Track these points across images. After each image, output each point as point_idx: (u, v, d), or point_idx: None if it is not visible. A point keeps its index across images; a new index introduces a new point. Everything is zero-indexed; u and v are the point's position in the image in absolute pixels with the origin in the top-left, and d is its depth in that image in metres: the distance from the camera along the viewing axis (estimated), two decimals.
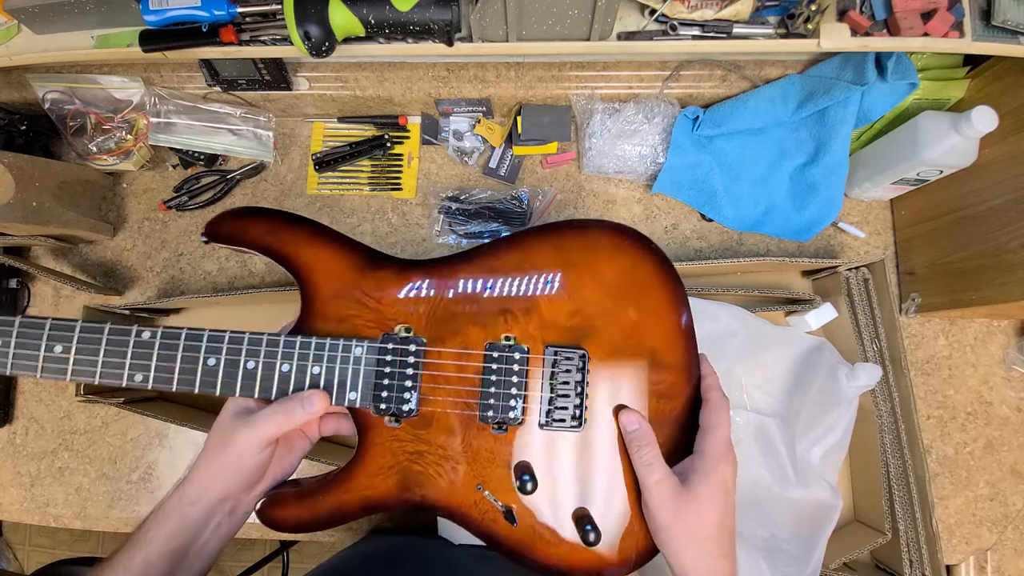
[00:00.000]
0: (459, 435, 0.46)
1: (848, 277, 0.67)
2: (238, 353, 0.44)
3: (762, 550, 0.61)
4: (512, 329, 0.47)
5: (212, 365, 0.44)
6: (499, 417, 0.45)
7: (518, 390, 0.46)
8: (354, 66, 0.73)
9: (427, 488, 0.45)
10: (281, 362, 0.44)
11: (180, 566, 0.41)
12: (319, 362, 0.45)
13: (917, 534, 0.61)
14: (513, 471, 0.45)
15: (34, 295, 0.80)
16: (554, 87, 0.72)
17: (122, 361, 0.43)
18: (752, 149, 0.73)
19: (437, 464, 0.45)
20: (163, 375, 0.43)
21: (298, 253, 0.47)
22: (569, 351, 0.46)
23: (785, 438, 0.66)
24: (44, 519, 0.76)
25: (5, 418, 0.77)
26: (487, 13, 0.56)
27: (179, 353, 0.43)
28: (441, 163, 0.79)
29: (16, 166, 0.66)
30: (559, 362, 0.46)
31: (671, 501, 0.41)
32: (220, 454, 0.42)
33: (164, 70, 0.74)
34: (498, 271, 0.48)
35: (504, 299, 0.47)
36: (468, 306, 0.47)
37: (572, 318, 0.47)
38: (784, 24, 0.58)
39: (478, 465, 0.45)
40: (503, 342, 0.47)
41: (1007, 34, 0.55)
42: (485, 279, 0.48)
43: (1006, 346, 0.72)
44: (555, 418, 0.46)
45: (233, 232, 0.47)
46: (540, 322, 0.47)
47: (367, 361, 0.45)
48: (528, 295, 0.47)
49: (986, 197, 0.62)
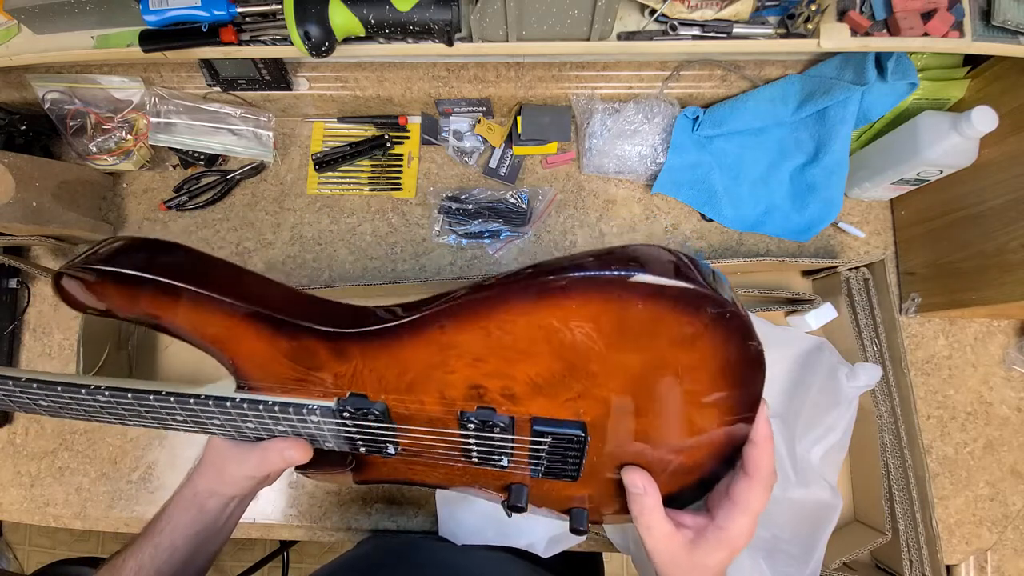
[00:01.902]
0: (450, 462, 0.44)
1: (848, 277, 0.67)
2: (197, 418, 0.41)
3: (762, 550, 0.61)
4: (489, 402, 0.37)
5: (181, 421, 0.42)
6: (487, 466, 0.43)
7: (504, 454, 0.40)
8: (354, 66, 0.73)
9: (426, 479, 0.48)
10: (244, 422, 0.41)
11: (201, 546, 0.45)
12: (280, 423, 0.41)
13: (917, 534, 0.61)
14: (505, 488, 0.45)
15: (34, 295, 0.80)
16: (554, 87, 0.72)
17: (103, 414, 0.42)
18: (752, 149, 0.73)
19: (431, 469, 0.46)
20: (145, 424, 0.43)
21: (182, 327, 0.37)
22: (562, 431, 0.37)
23: (785, 438, 0.66)
24: (44, 519, 0.76)
25: (5, 418, 0.77)
26: (487, 13, 0.56)
27: (141, 411, 0.41)
28: (441, 163, 0.79)
29: (16, 166, 0.66)
30: (553, 444, 0.38)
31: (677, 556, 0.37)
32: (220, 472, 0.45)
33: (164, 70, 0.75)
34: (456, 356, 0.35)
35: (473, 377, 0.36)
36: (426, 382, 0.37)
37: (564, 388, 0.36)
38: (784, 24, 0.58)
39: (471, 477, 0.46)
40: (480, 412, 0.38)
41: (1007, 34, 0.55)
42: (443, 361, 0.36)
43: (1006, 346, 0.72)
44: (546, 475, 0.42)
45: (84, 300, 0.36)
46: (524, 396, 0.37)
47: (328, 426, 0.40)
48: (504, 373, 0.36)
49: (986, 197, 0.62)
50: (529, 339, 0.33)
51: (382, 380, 0.38)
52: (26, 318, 0.79)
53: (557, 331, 0.33)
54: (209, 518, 0.45)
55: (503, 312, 0.33)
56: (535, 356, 0.34)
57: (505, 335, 0.34)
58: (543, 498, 0.45)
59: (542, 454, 0.40)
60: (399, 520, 0.71)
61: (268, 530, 0.73)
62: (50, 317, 0.79)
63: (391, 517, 0.72)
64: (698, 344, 0.32)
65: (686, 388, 0.34)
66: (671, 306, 0.31)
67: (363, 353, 0.37)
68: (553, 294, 0.31)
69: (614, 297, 0.31)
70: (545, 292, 0.32)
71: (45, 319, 0.79)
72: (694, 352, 0.32)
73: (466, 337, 0.34)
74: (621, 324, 0.32)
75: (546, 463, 0.40)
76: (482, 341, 0.34)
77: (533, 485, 0.44)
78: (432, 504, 0.71)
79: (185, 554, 0.44)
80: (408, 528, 0.71)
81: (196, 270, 0.37)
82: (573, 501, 0.45)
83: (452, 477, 0.47)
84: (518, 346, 0.34)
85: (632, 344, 0.33)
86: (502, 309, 0.33)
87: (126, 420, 0.43)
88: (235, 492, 0.45)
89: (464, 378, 0.36)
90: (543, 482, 0.43)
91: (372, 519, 0.72)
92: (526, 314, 0.33)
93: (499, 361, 0.35)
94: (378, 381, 0.38)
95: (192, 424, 0.42)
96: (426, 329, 0.35)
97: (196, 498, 0.45)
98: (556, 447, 0.39)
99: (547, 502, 0.46)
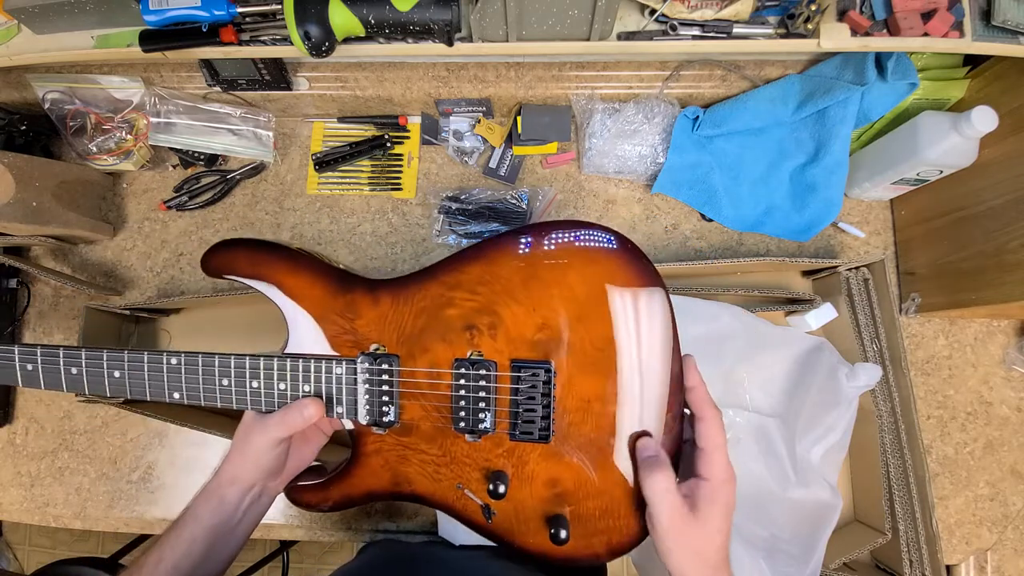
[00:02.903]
0: (438, 441, 0.49)
1: (848, 277, 0.67)
2: (243, 375, 0.49)
3: (762, 550, 0.61)
4: (479, 345, 0.47)
5: (226, 385, 0.49)
6: (471, 428, 0.47)
7: (487, 404, 0.47)
8: (354, 66, 0.73)
9: (415, 484, 0.50)
10: (277, 381, 0.49)
11: (219, 542, 0.46)
12: (308, 381, 0.49)
13: (917, 534, 0.61)
14: (487, 475, 0.48)
15: (34, 295, 0.80)
16: (554, 87, 0.72)
17: (162, 383, 0.49)
18: (752, 149, 0.73)
19: (421, 465, 0.49)
20: (193, 394, 0.49)
21: (280, 281, 0.50)
22: (534, 367, 0.46)
23: (785, 438, 0.66)
24: (44, 519, 0.76)
25: (5, 418, 0.77)
26: (487, 13, 0.56)
27: (199, 376, 0.49)
28: (441, 163, 0.79)
29: (16, 166, 0.66)
30: (523, 378, 0.46)
31: (681, 526, 0.41)
32: (244, 448, 0.47)
33: (164, 70, 0.74)
34: (462, 286, 0.47)
35: (468, 314, 0.47)
36: (434, 323, 0.47)
37: (540, 332, 0.46)
38: (784, 24, 0.58)
39: (456, 468, 0.49)
40: (471, 357, 0.47)
41: (1007, 34, 0.55)
42: (447, 295, 0.47)
43: (1006, 346, 0.72)
44: (522, 431, 0.47)
45: (221, 265, 0.50)
46: (507, 336, 0.46)
47: (347, 380, 0.49)
48: (493, 309, 0.46)
49: (986, 197, 0.62)
50: (511, 277, 0.46)
51: (400, 328, 0.48)
52: (26, 318, 0.79)
53: (530, 273, 0.45)
54: (228, 510, 0.46)
55: (497, 252, 0.46)
56: (514, 294, 0.46)
57: (498, 269, 0.46)
58: (522, 497, 0.48)
59: (519, 402, 0.46)
60: (399, 521, 0.71)
61: (268, 530, 0.73)
62: (50, 317, 0.79)
63: (391, 518, 0.72)
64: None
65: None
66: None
67: (393, 298, 0.48)
68: (534, 238, 0.45)
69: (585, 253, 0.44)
70: (527, 235, 0.45)
71: (45, 319, 0.79)
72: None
73: (468, 272, 0.47)
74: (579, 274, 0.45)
75: (521, 414, 0.46)
76: (479, 273, 0.46)
77: (513, 473, 0.48)
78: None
79: (203, 547, 0.45)
80: (408, 529, 0.71)
81: (287, 247, 0.51)
82: (554, 499, 0.47)
83: (439, 471, 0.49)
84: (504, 282, 0.46)
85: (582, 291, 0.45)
86: (497, 250, 0.46)
87: (176, 392, 0.49)
88: (255, 476, 0.47)
89: (461, 316, 0.47)
90: (522, 467, 0.47)
91: (372, 520, 0.72)
92: (510, 254, 0.46)
93: (489, 293, 0.46)
94: (397, 330, 0.48)
95: (235, 390, 0.49)
96: (440, 271, 0.48)
97: (218, 488, 0.47)
98: (531, 389, 0.46)
99: (528, 500, 0.47)
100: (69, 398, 0.77)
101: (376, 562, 0.61)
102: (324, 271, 0.50)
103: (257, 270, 0.50)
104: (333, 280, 0.49)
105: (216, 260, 0.50)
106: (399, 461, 0.50)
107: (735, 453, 0.56)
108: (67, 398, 0.77)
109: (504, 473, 0.47)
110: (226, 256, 0.50)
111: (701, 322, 0.66)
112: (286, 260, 0.50)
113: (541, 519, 0.47)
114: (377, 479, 0.50)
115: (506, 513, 0.48)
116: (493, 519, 0.48)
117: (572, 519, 0.46)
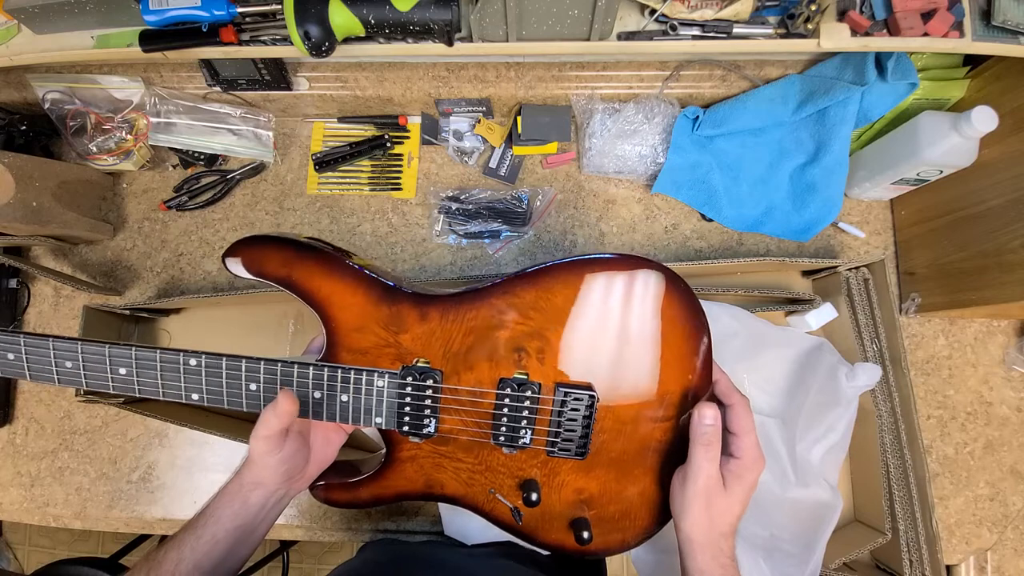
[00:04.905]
0: (474, 452, 0.50)
1: (848, 277, 0.67)
2: (274, 381, 0.47)
3: (762, 550, 0.61)
4: (526, 367, 0.48)
5: (254, 391, 0.47)
6: (509, 443, 0.49)
7: (528, 424, 0.49)
8: (354, 66, 0.73)
9: (447, 488, 0.52)
10: (312, 390, 0.48)
11: (240, 541, 0.46)
12: (346, 391, 0.48)
13: (917, 534, 0.61)
14: (520, 484, 0.50)
15: (34, 295, 0.80)
16: (554, 87, 0.72)
17: (178, 384, 0.47)
18: (752, 149, 0.73)
19: (455, 472, 0.51)
20: (215, 397, 0.47)
21: (316, 288, 0.48)
22: (578, 392, 0.47)
23: (785, 438, 0.66)
24: (44, 519, 0.76)
25: (5, 418, 0.77)
26: (487, 13, 0.56)
27: (223, 379, 0.47)
28: (441, 163, 0.79)
29: (16, 166, 0.66)
30: (568, 401, 0.47)
31: (709, 493, 0.45)
32: (253, 461, 0.47)
33: (164, 70, 0.74)
34: (515, 309, 0.47)
35: (518, 337, 0.48)
36: (483, 342, 0.48)
37: (585, 356, 0.47)
38: (784, 24, 0.58)
39: (490, 475, 0.51)
40: (516, 377, 0.48)
41: (1007, 34, 0.55)
42: (500, 318, 0.47)
43: (1006, 346, 0.72)
44: (560, 447, 0.49)
45: (250, 263, 0.48)
46: (553, 360, 0.48)
47: (389, 393, 0.48)
48: (542, 334, 0.47)
49: (986, 197, 0.62)
50: (564, 306, 0.47)
51: (447, 344, 0.48)
52: (26, 318, 0.79)
53: (584, 303, 0.46)
54: (251, 512, 0.46)
55: (552, 280, 0.47)
56: (566, 322, 0.47)
57: (552, 297, 0.47)
58: (551, 503, 0.51)
59: (560, 422, 0.48)
60: (399, 521, 0.71)
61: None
62: (50, 317, 0.79)
63: (391, 518, 0.71)
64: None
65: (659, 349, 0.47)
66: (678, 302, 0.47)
67: (442, 315, 0.48)
68: (590, 271, 0.46)
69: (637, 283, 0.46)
70: (584, 269, 0.47)
71: (45, 319, 0.79)
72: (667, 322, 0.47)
73: (523, 297, 0.47)
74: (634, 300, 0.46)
75: (562, 433, 0.48)
76: (533, 299, 0.47)
77: (544, 482, 0.50)
78: (432, 505, 0.71)
79: (225, 548, 0.45)
80: (408, 529, 0.71)
81: (327, 248, 0.49)
82: (579, 505, 0.51)
83: (472, 477, 0.51)
84: (557, 309, 0.47)
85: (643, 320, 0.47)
86: (552, 278, 0.47)
87: (195, 394, 0.47)
88: (279, 481, 0.47)
89: (510, 338, 0.47)
90: (553, 476, 0.50)
91: (372, 520, 0.72)
92: (566, 283, 0.47)
93: (541, 319, 0.47)
94: (443, 346, 0.48)
95: (264, 396, 0.47)
96: (494, 293, 0.47)
97: (241, 491, 0.46)
98: (574, 412, 0.47)
99: (556, 505, 0.51)
100: (69, 398, 0.77)
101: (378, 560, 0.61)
102: (365, 281, 0.48)
103: (291, 272, 0.47)
104: (376, 290, 0.48)
105: (244, 257, 0.47)
106: (434, 468, 0.51)
107: None
108: (67, 398, 0.77)
109: (536, 482, 0.50)
110: (257, 253, 0.48)
111: None
112: (324, 264, 0.48)
113: (566, 521, 0.51)
114: (410, 483, 0.52)
115: (533, 515, 0.51)
116: (521, 520, 0.51)
117: (594, 521, 0.50)
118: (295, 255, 0.48)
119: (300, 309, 0.76)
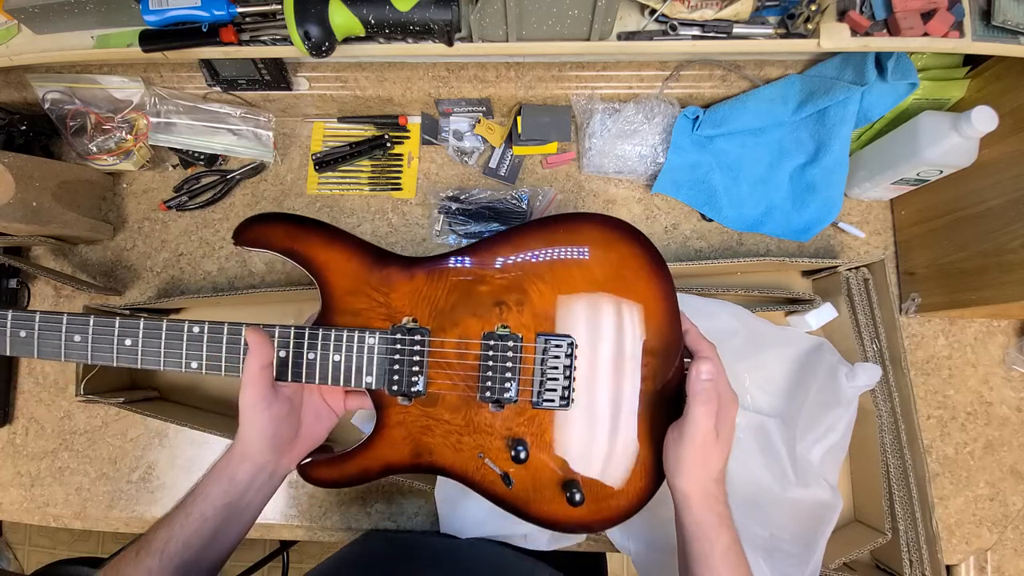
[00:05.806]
0: (462, 411, 0.52)
1: (848, 277, 0.67)
2: (281, 344, 0.50)
3: (762, 550, 0.61)
4: (507, 319, 0.51)
5: None
6: (495, 397, 0.51)
7: (512, 375, 0.51)
8: (354, 66, 0.73)
9: (436, 455, 0.52)
10: (307, 351, 0.51)
11: (229, 520, 0.47)
12: (338, 351, 0.51)
13: (917, 534, 0.61)
14: (508, 443, 0.51)
15: (34, 295, 0.80)
16: (554, 87, 0.72)
17: (179, 351, 0.50)
18: (752, 149, 0.73)
19: (444, 436, 0.52)
20: (213, 363, 0.50)
21: (315, 255, 0.52)
22: (558, 339, 0.51)
23: (785, 438, 0.66)
24: (44, 519, 0.76)
25: (5, 418, 0.77)
26: (487, 13, 0.56)
27: (223, 345, 0.50)
28: (441, 163, 0.79)
29: (16, 166, 0.66)
30: (549, 349, 0.51)
31: (708, 449, 0.46)
32: (243, 422, 0.48)
33: (164, 70, 0.74)
34: (493, 265, 0.52)
35: (498, 291, 0.52)
36: (466, 298, 0.52)
37: (563, 307, 0.51)
38: (784, 24, 0.58)
39: (479, 436, 0.52)
40: (498, 331, 0.51)
41: (1007, 34, 0.55)
42: (480, 273, 0.52)
43: (1006, 346, 0.72)
44: (545, 398, 0.51)
45: (257, 237, 0.52)
46: (532, 312, 0.51)
47: (379, 350, 0.51)
48: (521, 287, 0.51)
49: (986, 197, 0.62)
50: (539, 259, 0.51)
51: (434, 303, 0.52)
52: None
53: (555, 256, 0.51)
54: (239, 489, 0.47)
55: (527, 237, 0.52)
56: (542, 275, 0.51)
57: (527, 251, 0.51)
58: (540, 462, 0.52)
59: (544, 370, 0.51)
60: (399, 520, 0.71)
61: (268, 530, 0.73)
62: None
63: (391, 517, 0.72)
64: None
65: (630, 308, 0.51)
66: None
67: (428, 275, 0.52)
68: (561, 227, 0.51)
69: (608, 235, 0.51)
70: (556, 225, 0.52)
71: None
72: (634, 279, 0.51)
73: (501, 253, 0.51)
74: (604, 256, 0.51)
75: (545, 383, 0.51)
76: (511, 254, 0.51)
77: (532, 441, 0.52)
78: (432, 503, 0.71)
79: (214, 526, 0.45)
80: (408, 528, 0.71)
81: (324, 224, 0.54)
82: (568, 465, 0.51)
83: (461, 440, 0.52)
84: (532, 264, 0.51)
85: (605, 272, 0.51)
86: (527, 235, 0.52)
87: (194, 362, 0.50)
88: (265, 453, 0.47)
89: (490, 292, 0.51)
90: (541, 434, 0.51)
91: (372, 519, 0.72)
92: (539, 239, 0.51)
93: (519, 273, 0.51)
94: (430, 305, 0.52)
95: None
96: (475, 251, 0.52)
97: (229, 466, 0.47)
98: (555, 359, 0.51)
99: (546, 467, 0.52)
100: (69, 397, 0.77)
101: (376, 549, 0.62)
102: (360, 247, 0.53)
103: (293, 243, 0.52)
104: (369, 255, 0.53)
105: (252, 232, 0.52)
106: (422, 432, 0.52)
107: (735, 453, 0.57)
108: (67, 397, 0.77)
109: (524, 440, 0.51)
110: (262, 229, 0.52)
111: (700, 321, 0.65)
112: (322, 234, 0.53)
113: (557, 485, 0.51)
114: (398, 451, 0.52)
115: (524, 481, 0.52)
116: (512, 487, 0.52)
117: (585, 485, 0.51)
118: (297, 228, 0.53)
119: (299, 308, 0.76)
